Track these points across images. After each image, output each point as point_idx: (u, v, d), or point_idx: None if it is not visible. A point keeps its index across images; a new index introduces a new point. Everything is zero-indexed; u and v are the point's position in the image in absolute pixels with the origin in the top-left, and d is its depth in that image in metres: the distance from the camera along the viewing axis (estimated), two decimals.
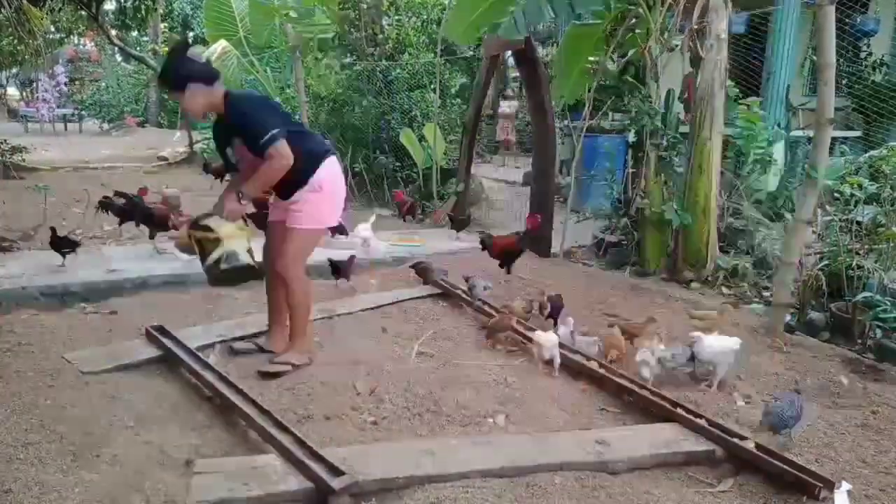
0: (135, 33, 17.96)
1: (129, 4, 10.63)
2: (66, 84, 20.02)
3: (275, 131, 3.49)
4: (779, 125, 8.28)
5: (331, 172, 3.91)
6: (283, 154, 3.52)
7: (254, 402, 3.39)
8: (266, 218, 4.23)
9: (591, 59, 7.50)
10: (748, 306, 5.86)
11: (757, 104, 7.19)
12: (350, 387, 3.84)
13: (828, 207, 6.05)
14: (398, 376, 4.01)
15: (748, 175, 7.33)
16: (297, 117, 10.66)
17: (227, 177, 6.52)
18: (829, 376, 4.36)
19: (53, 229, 5.50)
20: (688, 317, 5.25)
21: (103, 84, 20.75)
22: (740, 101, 7.24)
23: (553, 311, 4.74)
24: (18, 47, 10.91)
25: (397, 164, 10.58)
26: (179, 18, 22.95)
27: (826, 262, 5.46)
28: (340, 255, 5.80)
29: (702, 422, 3.47)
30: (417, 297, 5.55)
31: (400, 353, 4.38)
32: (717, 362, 3.90)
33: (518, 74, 12.37)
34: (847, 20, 8.52)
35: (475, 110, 8.36)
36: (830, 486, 2.92)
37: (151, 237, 6.21)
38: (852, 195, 5.56)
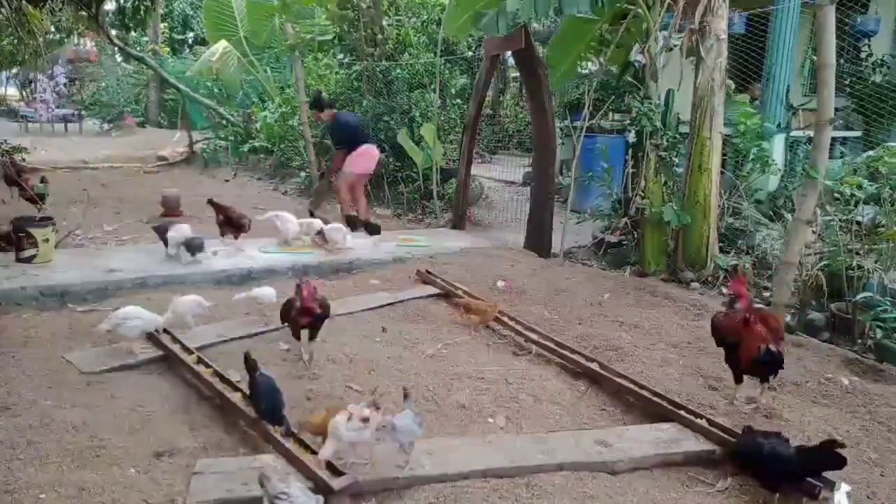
0: (134, 34, 17.95)
1: (128, 5, 10.61)
2: (64, 85, 20.01)
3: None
4: (778, 124, 8.28)
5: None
6: None
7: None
8: None
9: (590, 58, 7.52)
10: None
11: (745, 102, 7.21)
12: (350, 387, 3.84)
13: (828, 207, 6.05)
14: (398, 376, 4.01)
15: (748, 175, 7.33)
16: (297, 117, 10.71)
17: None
18: (829, 377, 4.36)
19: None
20: None
21: (103, 84, 20.74)
22: (733, 100, 7.26)
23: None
24: (18, 47, 10.90)
25: (397, 164, 10.58)
26: (179, 19, 22.95)
27: (826, 262, 5.46)
28: None
29: (702, 422, 3.48)
30: (417, 298, 5.55)
31: (400, 353, 4.38)
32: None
33: (518, 74, 12.36)
34: (847, 20, 8.50)
35: (475, 110, 8.36)
36: (830, 485, 2.92)
37: None
38: (852, 195, 5.56)
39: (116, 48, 16.74)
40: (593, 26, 7.34)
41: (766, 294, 6.08)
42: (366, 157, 8.22)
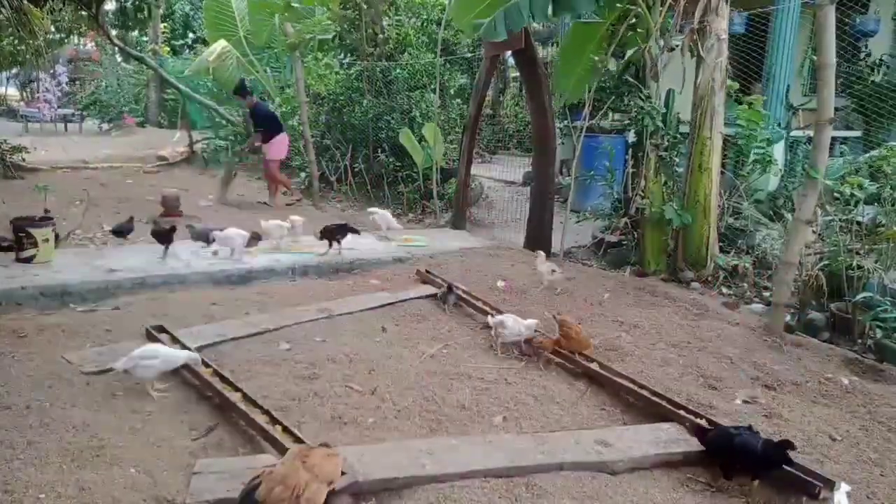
0: (135, 33, 17.96)
1: (129, 5, 10.63)
2: (66, 84, 19.99)
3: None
4: (779, 125, 8.28)
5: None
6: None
7: (254, 402, 3.39)
8: None
9: (594, 57, 7.49)
10: (748, 306, 5.87)
11: (760, 102, 7.20)
12: (350, 387, 3.84)
13: (828, 207, 6.06)
14: (398, 376, 4.02)
15: (748, 175, 7.33)
16: (297, 117, 10.75)
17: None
18: (829, 377, 4.36)
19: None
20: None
21: (103, 84, 20.73)
22: (743, 100, 7.24)
23: None
24: (19, 47, 10.91)
25: (397, 164, 10.59)
26: (180, 20, 22.94)
27: (826, 262, 5.46)
28: None
29: (702, 422, 3.47)
30: (417, 298, 5.55)
31: (400, 353, 4.38)
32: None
33: (518, 74, 12.37)
34: (847, 20, 8.51)
35: (475, 110, 8.36)
36: (830, 485, 2.92)
37: None
38: (852, 195, 5.56)
39: (116, 48, 16.74)
40: (599, 29, 7.35)
41: (767, 294, 6.08)
42: (282, 145, 9.77)
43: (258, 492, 2.41)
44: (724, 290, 6.30)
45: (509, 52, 8.63)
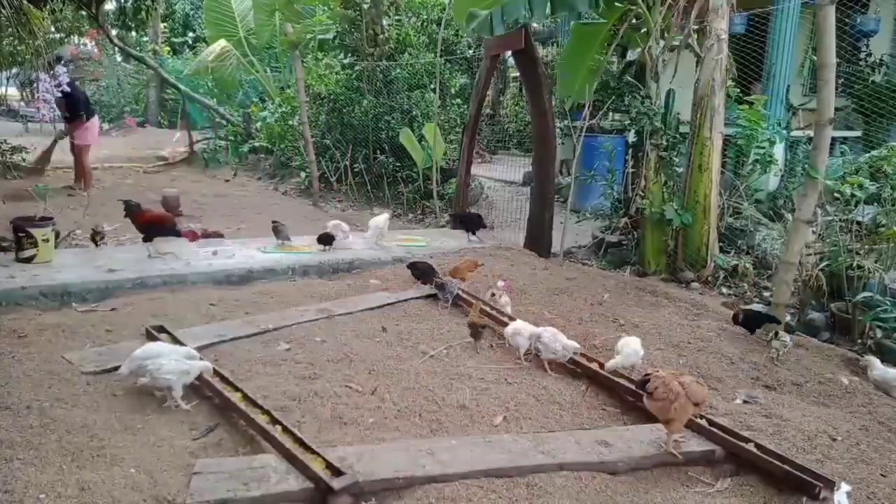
0: (135, 34, 17.96)
1: (128, 5, 10.64)
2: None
3: None
4: (779, 125, 8.29)
5: None
6: None
7: (254, 402, 3.39)
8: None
9: (598, 57, 7.51)
10: (748, 306, 5.86)
11: (763, 102, 7.19)
12: (350, 387, 3.84)
13: (828, 207, 6.06)
14: (398, 376, 4.01)
15: (748, 175, 7.33)
16: (297, 117, 10.74)
17: None
18: (829, 377, 4.36)
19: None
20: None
21: (103, 84, 20.75)
22: (744, 99, 7.24)
23: None
24: (19, 48, 10.91)
25: (397, 164, 10.59)
26: (180, 19, 22.96)
27: (826, 262, 5.46)
28: None
29: (702, 422, 3.48)
30: (417, 298, 5.55)
31: (400, 353, 4.38)
32: None
33: (518, 74, 12.37)
34: (847, 20, 8.52)
35: (475, 110, 8.36)
36: (830, 485, 2.92)
37: None
38: (852, 195, 5.56)
39: (117, 48, 16.76)
40: (602, 29, 7.35)
41: (767, 294, 6.08)
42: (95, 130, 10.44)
43: (648, 385, 3.18)
44: (724, 290, 6.30)
45: (509, 52, 8.63)
